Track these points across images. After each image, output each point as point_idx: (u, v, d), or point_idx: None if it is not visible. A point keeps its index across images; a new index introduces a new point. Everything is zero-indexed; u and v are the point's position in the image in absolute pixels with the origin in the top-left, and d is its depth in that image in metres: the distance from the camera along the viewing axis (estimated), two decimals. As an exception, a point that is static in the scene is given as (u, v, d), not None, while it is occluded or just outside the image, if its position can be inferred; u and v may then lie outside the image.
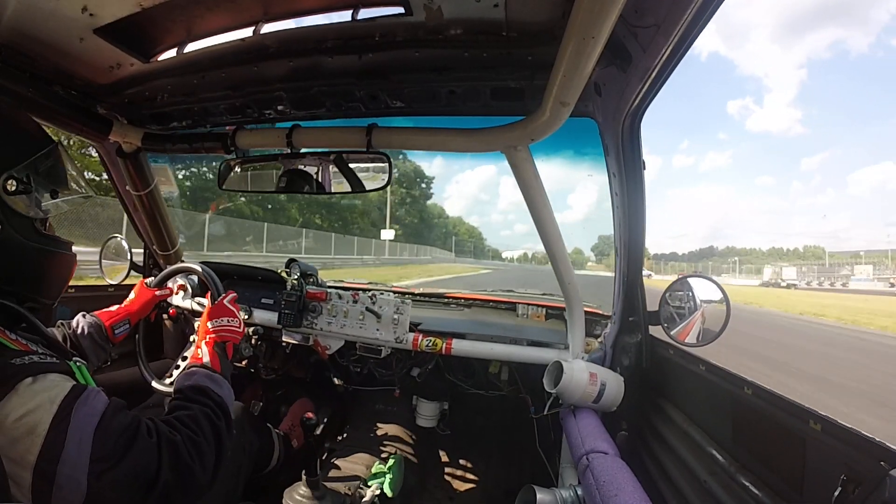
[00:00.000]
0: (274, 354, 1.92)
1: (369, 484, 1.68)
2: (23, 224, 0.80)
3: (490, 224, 70.65)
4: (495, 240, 56.95)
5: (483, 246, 41.95)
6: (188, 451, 0.76)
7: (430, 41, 0.96)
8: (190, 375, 0.96)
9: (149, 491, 0.69)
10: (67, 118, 1.32)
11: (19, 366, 0.66)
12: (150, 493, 0.69)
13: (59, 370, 0.70)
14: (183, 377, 0.97)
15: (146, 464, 0.69)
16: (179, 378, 0.97)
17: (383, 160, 1.25)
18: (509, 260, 43.07)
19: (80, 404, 0.66)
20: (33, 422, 0.62)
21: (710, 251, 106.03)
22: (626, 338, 1.45)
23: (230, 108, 1.32)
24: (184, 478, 0.74)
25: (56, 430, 0.62)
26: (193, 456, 0.76)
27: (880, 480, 0.61)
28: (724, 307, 1.29)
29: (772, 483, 0.88)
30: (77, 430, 0.64)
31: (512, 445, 2.08)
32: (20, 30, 0.98)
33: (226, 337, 1.13)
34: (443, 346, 1.57)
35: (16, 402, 0.62)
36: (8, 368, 0.65)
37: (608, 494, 0.91)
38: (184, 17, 0.98)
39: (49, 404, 0.64)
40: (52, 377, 0.68)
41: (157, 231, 1.87)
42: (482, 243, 42.73)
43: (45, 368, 0.68)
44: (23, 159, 0.79)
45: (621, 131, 1.09)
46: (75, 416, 0.65)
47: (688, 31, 0.73)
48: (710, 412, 1.15)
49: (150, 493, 0.69)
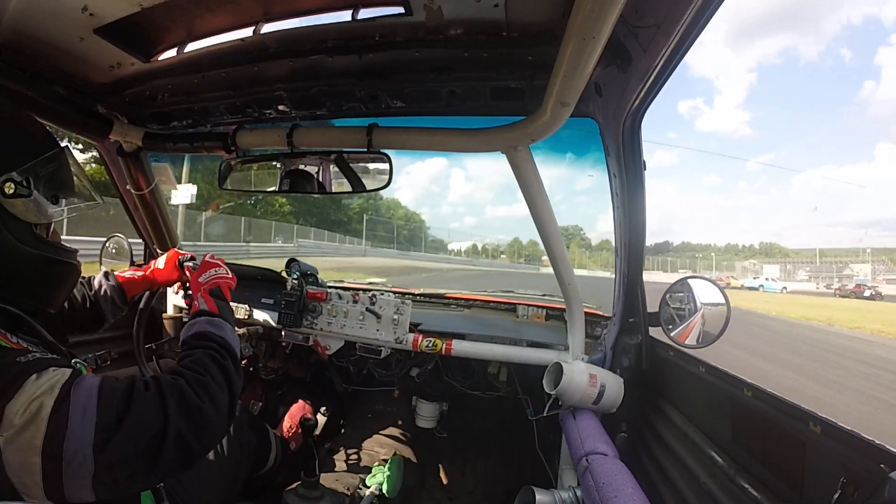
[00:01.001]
0: (274, 354, 1.93)
1: (368, 484, 1.69)
2: (20, 228, 0.78)
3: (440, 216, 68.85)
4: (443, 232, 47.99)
5: (424, 235, 35.93)
6: (195, 392, 0.76)
7: (430, 41, 0.96)
8: (191, 326, 0.97)
9: (160, 442, 0.69)
10: (68, 118, 1.32)
11: (24, 363, 0.66)
12: (162, 444, 0.69)
13: (61, 364, 0.71)
14: (185, 329, 0.97)
15: (149, 418, 0.69)
16: (183, 331, 0.97)
17: (384, 160, 1.25)
18: (455, 253, 37.91)
19: (76, 385, 0.67)
20: (36, 407, 0.62)
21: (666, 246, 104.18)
22: (626, 339, 1.44)
23: (231, 107, 1.32)
24: (195, 420, 0.73)
25: (59, 411, 0.63)
26: (202, 396, 0.76)
27: (880, 483, 0.61)
28: (724, 309, 1.28)
29: (771, 485, 0.87)
30: (79, 406, 0.65)
31: (511, 446, 2.07)
32: (20, 29, 0.98)
33: (217, 282, 1.13)
34: (443, 347, 1.57)
35: (23, 399, 0.63)
36: (14, 367, 0.65)
37: (608, 496, 0.91)
38: (184, 17, 0.98)
39: (50, 390, 0.64)
40: (54, 369, 0.68)
41: (158, 230, 1.87)
42: (423, 232, 36.34)
43: (48, 363, 0.68)
44: (23, 162, 0.78)
45: (622, 131, 1.09)
46: (75, 395, 0.65)
47: (688, 30, 0.72)
48: (709, 414, 1.14)
49: (163, 443, 0.69)
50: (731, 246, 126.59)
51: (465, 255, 38.54)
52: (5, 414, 0.61)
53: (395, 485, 1.71)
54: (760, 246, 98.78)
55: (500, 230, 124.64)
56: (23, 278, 0.80)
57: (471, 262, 35.41)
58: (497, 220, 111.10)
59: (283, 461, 1.78)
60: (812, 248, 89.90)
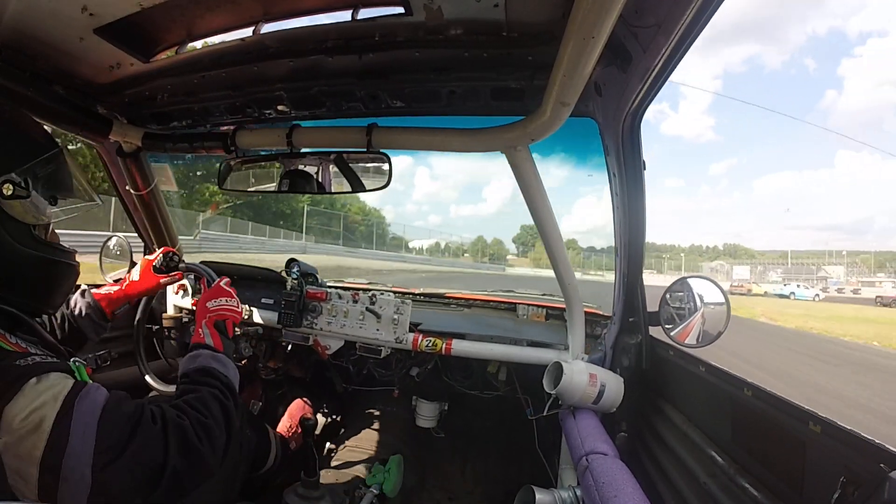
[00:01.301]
0: (274, 354, 1.92)
1: (368, 484, 1.68)
2: (19, 229, 0.78)
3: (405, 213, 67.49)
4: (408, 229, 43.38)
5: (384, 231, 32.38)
6: (196, 434, 0.76)
7: (430, 41, 0.96)
8: (194, 358, 0.96)
9: (158, 477, 0.69)
10: (67, 118, 1.32)
11: (24, 367, 0.66)
12: (159, 480, 0.69)
13: (61, 369, 0.71)
14: (187, 360, 0.96)
15: (152, 451, 0.69)
16: (184, 361, 0.96)
17: (383, 160, 1.25)
18: (417, 251, 34.74)
19: (81, 398, 0.67)
20: (38, 418, 0.62)
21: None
22: (626, 338, 1.44)
23: (230, 107, 1.32)
24: (193, 461, 0.74)
25: (60, 424, 0.63)
26: (203, 438, 0.76)
27: (880, 483, 0.61)
28: (724, 309, 1.29)
29: (771, 485, 0.87)
30: (80, 424, 0.65)
31: (511, 446, 2.07)
32: (20, 29, 0.98)
33: (225, 315, 1.11)
34: (443, 347, 1.57)
35: (22, 403, 0.63)
36: (13, 370, 0.65)
37: (608, 496, 0.91)
38: (184, 17, 0.98)
39: (53, 401, 0.64)
40: (55, 375, 0.68)
41: (158, 230, 1.87)
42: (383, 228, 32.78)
43: (48, 368, 0.68)
44: (22, 163, 0.77)
45: (621, 131, 1.09)
46: (78, 410, 0.65)
47: (688, 30, 0.72)
48: (709, 413, 1.14)
49: (160, 479, 0.69)
50: (696, 247, 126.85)
51: (427, 253, 35.74)
52: (4, 416, 0.62)
53: (395, 485, 1.71)
54: (724, 247, 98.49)
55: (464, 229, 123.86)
56: (21, 279, 0.80)
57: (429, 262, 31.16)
58: (461, 219, 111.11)
59: (282, 461, 1.78)
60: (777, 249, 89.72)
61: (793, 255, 79.30)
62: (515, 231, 63.54)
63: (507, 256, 46.81)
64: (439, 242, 38.57)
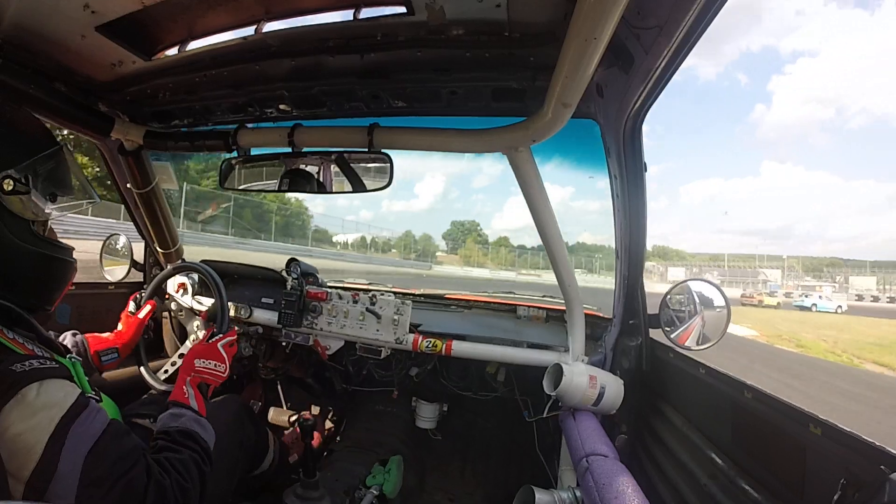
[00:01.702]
0: (274, 354, 1.92)
1: (368, 485, 1.68)
2: (19, 226, 0.79)
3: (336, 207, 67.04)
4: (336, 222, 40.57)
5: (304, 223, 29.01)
6: (175, 495, 0.78)
7: (432, 41, 0.96)
8: (176, 417, 0.98)
9: None
10: (69, 115, 1.31)
11: (20, 372, 0.67)
12: None
13: (60, 375, 0.71)
14: (169, 417, 0.98)
15: (131, 500, 0.71)
16: (165, 418, 0.98)
17: (385, 160, 1.25)
18: (342, 245, 32.47)
19: (77, 425, 0.67)
20: (32, 440, 0.63)
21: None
22: (627, 340, 1.44)
23: (232, 106, 1.32)
24: None
25: (51, 450, 0.64)
26: (179, 500, 0.79)
27: (880, 485, 0.60)
28: (724, 312, 1.28)
29: (772, 487, 0.87)
30: (71, 452, 0.65)
31: (511, 447, 2.07)
32: (22, 26, 0.99)
33: (209, 380, 1.16)
34: (443, 348, 1.56)
35: (17, 415, 0.63)
36: (10, 375, 0.66)
37: (608, 497, 0.90)
38: (185, 16, 0.98)
39: (48, 423, 0.65)
40: (54, 384, 0.69)
41: (159, 229, 1.87)
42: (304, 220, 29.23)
43: (47, 374, 0.69)
44: (22, 159, 0.78)
45: (623, 133, 1.09)
46: (71, 437, 0.66)
47: (690, 32, 0.72)
48: (709, 415, 1.14)
49: None
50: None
51: (352, 248, 32.92)
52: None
53: (395, 485, 1.70)
54: (654, 248, 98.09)
55: (395, 224, 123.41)
56: (20, 275, 0.81)
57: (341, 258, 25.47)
58: (393, 215, 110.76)
59: (280, 464, 1.77)
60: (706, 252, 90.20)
61: (733, 257, 79.89)
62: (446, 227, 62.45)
63: (436, 253, 44.02)
64: (365, 237, 35.80)
